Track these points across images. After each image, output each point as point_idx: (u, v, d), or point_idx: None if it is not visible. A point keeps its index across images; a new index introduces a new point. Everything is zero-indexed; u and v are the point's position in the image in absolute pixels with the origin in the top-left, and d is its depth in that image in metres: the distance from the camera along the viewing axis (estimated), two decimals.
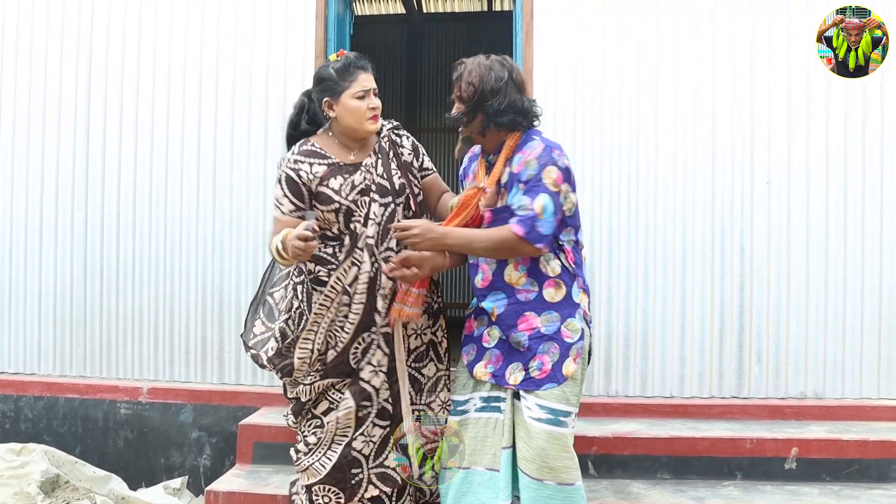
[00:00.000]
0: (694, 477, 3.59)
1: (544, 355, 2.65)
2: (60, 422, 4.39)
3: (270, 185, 4.33)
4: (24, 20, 4.60)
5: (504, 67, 2.67)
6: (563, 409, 2.63)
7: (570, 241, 2.71)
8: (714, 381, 4.08)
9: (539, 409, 2.63)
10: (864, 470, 3.57)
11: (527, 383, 2.66)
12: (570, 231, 2.71)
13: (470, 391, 2.80)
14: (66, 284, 4.52)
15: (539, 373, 2.64)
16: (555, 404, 2.62)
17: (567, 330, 2.67)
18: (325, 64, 2.94)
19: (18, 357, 4.58)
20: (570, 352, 2.65)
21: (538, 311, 2.67)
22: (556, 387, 2.63)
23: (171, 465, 4.28)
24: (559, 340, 2.65)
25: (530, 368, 2.66)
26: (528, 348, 2.66)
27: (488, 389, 2.76)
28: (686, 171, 4.13)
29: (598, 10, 4.20)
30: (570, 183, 2.64)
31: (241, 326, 4.25)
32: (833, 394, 4.05)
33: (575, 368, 2.65)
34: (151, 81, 4.47)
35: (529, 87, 4.12)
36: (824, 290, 4.06)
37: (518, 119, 2.66)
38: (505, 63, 2.70)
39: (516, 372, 2.68)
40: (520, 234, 2.55)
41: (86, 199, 4.51)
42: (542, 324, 2.66)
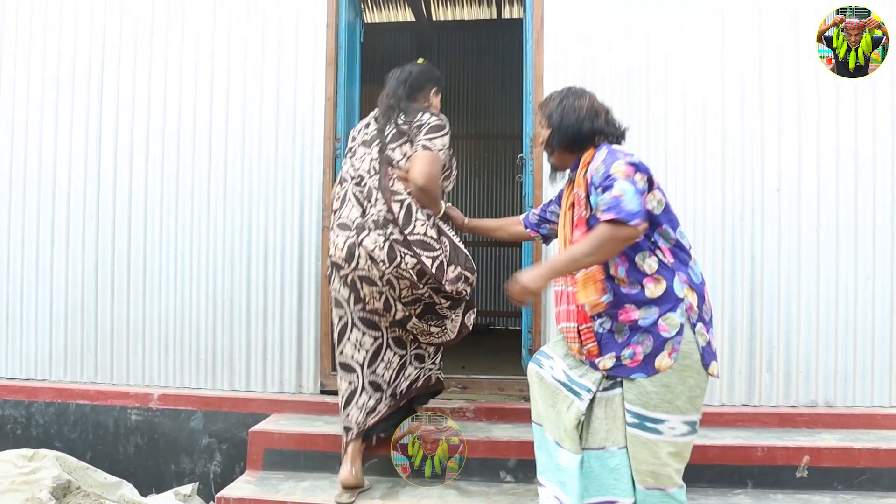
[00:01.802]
0: (705, 485, 3.57)
1: (638, 346, 2.65)
2: (71, 428, 4.41)
3: (280, 194, 4.36)
4: (36, 27, 4.64)
5: (576, 97, 2.87)
6: (650, 416, 2.64)
7: (667, 238, 2.71)
8: (724, 389, 4.08)
9: (629, 414, 2.67)
10: (875, 478, 3.55)
11: (616, 370, 2.69)
12: (664, 230, 2.71)
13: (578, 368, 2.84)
14: (78, 291, 4.54)
15: (630, 361, 2.66)
16: (640, 409, 2.64)
17: (664, 323, 2.64)
18: (422, 64, 3.60)
19: (30, 363, 4.60)
20: (666, 346, 2.63)
21: (639, 304, 2.68)
22: (646, 378, 2.63)
23: (182, 472, 4.29)
24: (655, 333, 2.64)
25: (622, 356, 2.68)
26: (626, 339, 2.68)
27: (580, 374, 2.82)
28: (696, 178, 4.13)
29: (607, 16, 4.22)
30: (646, 175, 2.64)
31: (249, 332, 4.31)
32: (844, 402, 4.04)
33: (669, 364, 2.62)
34: (163, 89, 4.50)
35: (539, 93, 4.15)
36: (835, 298, 4.05)
37: (581, 139, 2.82)
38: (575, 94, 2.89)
39: (607, 359, 2.71)
40: (611, 218, 2.53)
41: (97, 207, 4.54)
42: (641, 316, 2.66)
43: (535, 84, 4.24)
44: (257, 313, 4.37)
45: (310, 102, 4.37)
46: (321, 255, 4.30)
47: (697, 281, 2.73)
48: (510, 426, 3.92)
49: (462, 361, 5.22)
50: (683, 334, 2.64)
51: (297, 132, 4.38)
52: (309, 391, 4.32)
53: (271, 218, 4.37)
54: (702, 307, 2.70)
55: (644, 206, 2.57)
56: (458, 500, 3.39)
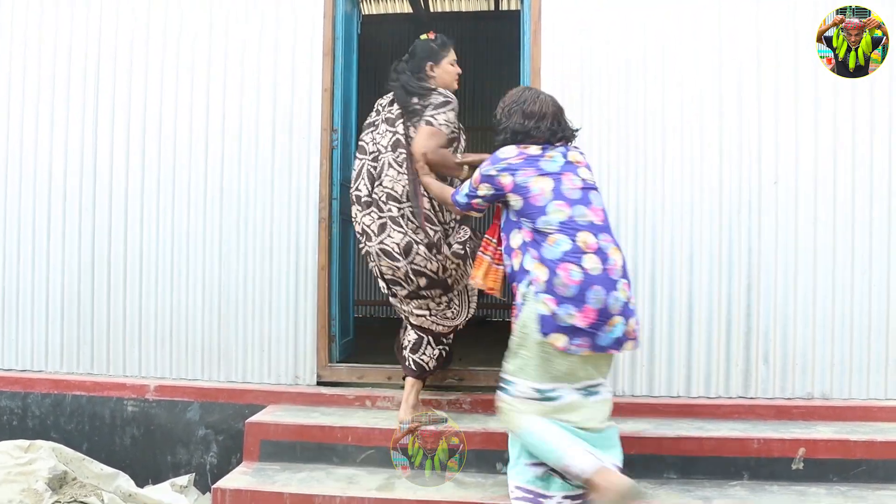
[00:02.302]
0: (701, 477, 3.58)
1: (515, 314, 3.12)
2: (68, 419, 4.41)
3: (277, 185, 4.36)
4: (32, 22, 4.62)
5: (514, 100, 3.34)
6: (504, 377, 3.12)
7: (528, 224, 3.10)
8: (721, 382, 4.08)
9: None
10: (871, 471, 3.55)
11: None
12: (526, 219, 3.11)
13: None
14: (74, 283, 4.53)
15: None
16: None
17: (517, 293, 3.10)
18: (422, 40, 3.80)
19: (26, 354, 4.60)
20: (517, 313, 3.08)
21: (511, 278, 3.20)
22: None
23: (178, 463, 4.29)
24: (517, 303, 3.10)
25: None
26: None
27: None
28: (693, 171, 4.12)
29: (604, 8, 4.21)
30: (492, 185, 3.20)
31: (246, 324, 4.32)
32: (840, 394, 4.04)
33: (515, 329, 3.07)
34: (159, 80, 4.48)
35: (537, 85, 4.14)
36: (832, 291, 4.06)
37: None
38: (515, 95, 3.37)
39: None
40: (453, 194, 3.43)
41: (93, 200, 4.53)
42: (517, 288, 3.13)
43: (532, 76, 4.23)
44: (254, 304, 4.37)
45: (307, 93, 4.35)
46: (318, 246, 4.30)
47: (550, 257, 3.00)
48: None
49: (459, 353, 5.22)
50: (526, 303, 3.03)
51: (293, 123, 4.36)
52: (306, 382, 4.32)
53: (268, 209, 4.36)
54: (552, 281, 2.96)
55: (471, 203, 3.31)
56: (455, 491, 3.40)
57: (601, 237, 3.04)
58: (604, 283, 2.95)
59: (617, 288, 2.98)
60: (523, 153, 3.17)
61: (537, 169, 3.13)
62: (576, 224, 3.03)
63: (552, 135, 3.22)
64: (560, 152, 3.20)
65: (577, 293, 2.93)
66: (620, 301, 2.98)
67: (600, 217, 3.11)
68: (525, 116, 3.24)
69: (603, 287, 2.94)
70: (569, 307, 2.92)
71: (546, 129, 3.23)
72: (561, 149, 3.22)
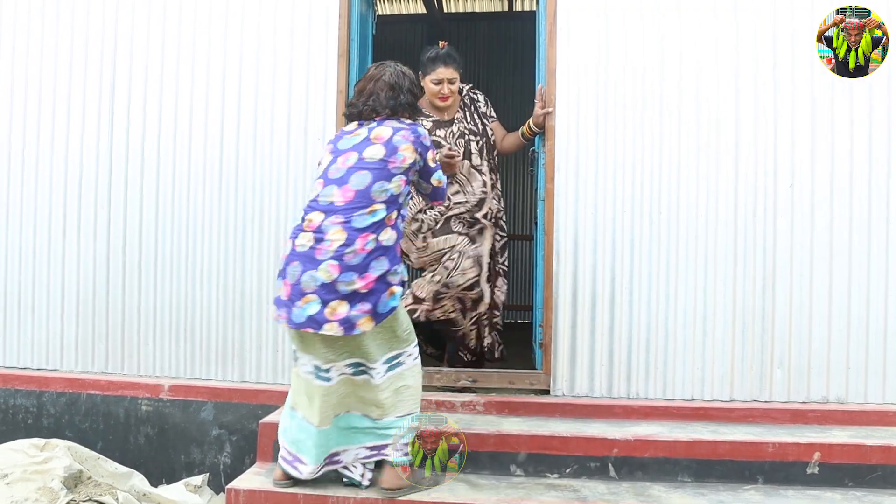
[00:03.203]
0: (715, 481, 3.57)
1: None
2: (82, 418, 4.43)
3: (292, 184, 4.36)
4: (49, 17, 4.64)
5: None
6: None
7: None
8: (736, 385, 4.06)
9: None
10: (887, 476, 3.52)
11: None
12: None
13: None
14: (89, 281, 4.55)
15: None
16: None
17: None
18: (430, 48, 4.26)
19: (41, 353, 4.62)
20: None
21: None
22: None
23: (192, 463, 4.30)
24: None
25: None
26: None
27: None
28: (709, 172, 4.10)
29: (621, 10, 4.18)
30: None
31: (260, 322, 4.32)
32: (856, 398, 4.01)
33: None
34: (175, 78, 4.50)
35: (552, 86, 4.14)
36: (847, 294, 4.03)
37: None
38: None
39: None
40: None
41: (109, 197, 4.54)
42: None
43: (548, 77, 4.22)
44: (269, 304, 4.37)
45: (322, 94, 4.36)
46: None
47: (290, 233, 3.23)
48: (520, 420, 3.91)
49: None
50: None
51: (308, 124, 4.36)
52: None
53: (283, 208, 4.37)
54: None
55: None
56: (468, 492, 3.39)
57: (332, 218, 3.10)
58: (303, 261, 3.07)
59: (318, 268, 3.03)
60: (343, 130, 3.37)
61: (333, 146, 3.30)
62: (316, 203, 3.18)
63: (371, 110, 3.31)
64: (369, 128, 3.27)
65: (283, 267, 3.14)
66: (318, 280, 3.03)
67: (347, 198, 3.12)
68: (356, 93, 3.40)
69: (301, 263, 3.07)
70: (279, 280, 3.16)
71: (362, 105, 3.33)
72: (375, 124, 3.28)
